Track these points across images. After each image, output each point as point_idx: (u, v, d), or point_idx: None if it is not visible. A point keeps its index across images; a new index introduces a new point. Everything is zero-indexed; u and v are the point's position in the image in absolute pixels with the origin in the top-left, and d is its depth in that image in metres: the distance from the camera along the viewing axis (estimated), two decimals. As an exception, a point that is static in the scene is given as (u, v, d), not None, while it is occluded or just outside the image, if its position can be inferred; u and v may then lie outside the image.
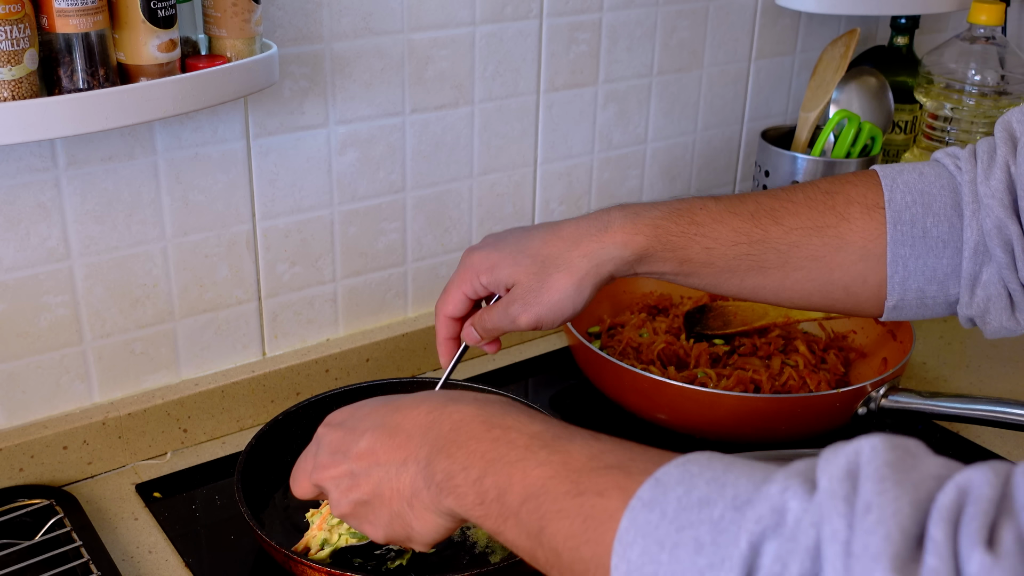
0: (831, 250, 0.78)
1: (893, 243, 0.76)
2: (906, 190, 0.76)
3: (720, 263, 0.80)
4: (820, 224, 0.78)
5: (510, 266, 0.83)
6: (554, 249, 0.82)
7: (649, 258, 0.81)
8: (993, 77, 1.31)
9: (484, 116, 1.20)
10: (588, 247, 0.81)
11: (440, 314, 0.89)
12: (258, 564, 0.93)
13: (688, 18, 1.33)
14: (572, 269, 0.81)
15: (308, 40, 1.04)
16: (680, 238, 0.80)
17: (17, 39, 0.77)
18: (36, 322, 0.98)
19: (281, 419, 1.02)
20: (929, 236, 0.75)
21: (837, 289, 0.79)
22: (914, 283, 0.76)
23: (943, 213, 0.75)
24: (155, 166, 1.00)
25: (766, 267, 0.80)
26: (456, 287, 0.87)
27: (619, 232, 0.80)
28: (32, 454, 1.00)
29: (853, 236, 0.77)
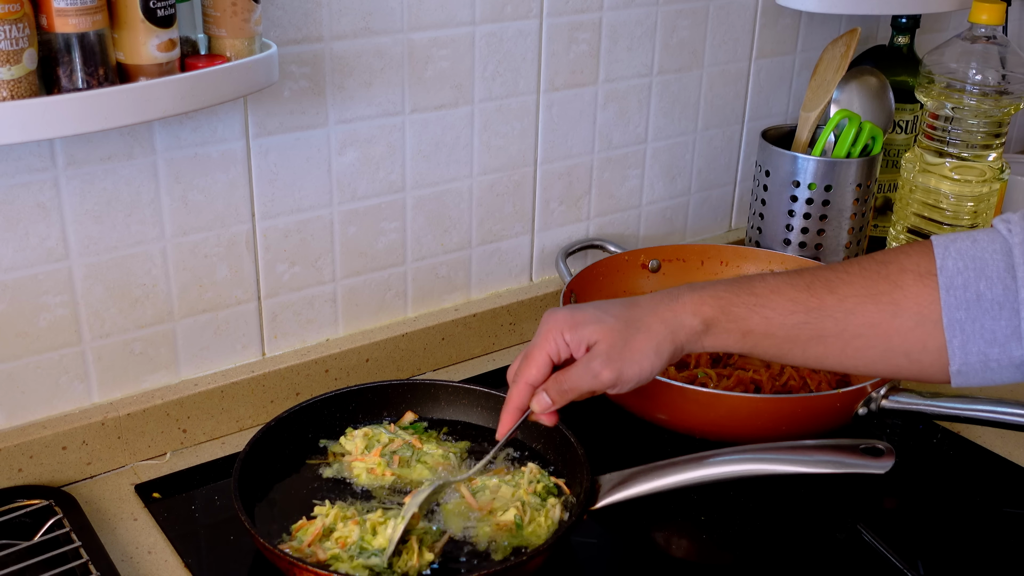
0: (887, 316, 0.80)
1: (947, 308, 0.78)
2: (958, 256, 0.78)
3: (780, 333, 0.84)
4: (874, 292, 0.81)
5: (594, 323, 0.86)
6: (635, 313, 0.87)
7: (715, 327, 0.85)
8: (994, 77, 1.31)
9: (484, 116, 1.20)
10: (664, 314, 0.86)
11: (520, 381, 0.88)
12: (257, 564, 0.93)
13: (688, 18, 1.32)
14: (652, 332, 0.86)
15: (308, 40, 1.04)
16: (741, 308, 0.85)
17: (16, 39, 0.77)
18: (35, 322, 0.98)
19: (274, 424, 1.02)
20: (984, 299, 0.77)
21: (898, 356, 0.81)
22: (974, 346, 0.78)
23: (996, 276, 0.77)
24: (154, 166, 1.00)
25: (825, 336, 0.83)
26: (540, 349, 0.87)
27: (688, 303, 0.86)
28: (31, 454, 0.99)
29: (907, 303, 0.79)
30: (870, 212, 1.36)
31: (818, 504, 1.03)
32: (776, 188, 1.32)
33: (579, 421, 1.13)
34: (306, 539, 0.90)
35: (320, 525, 0.91)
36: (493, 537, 0.93)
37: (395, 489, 0.99)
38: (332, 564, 0.87)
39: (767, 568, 0.96)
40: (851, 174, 1.30)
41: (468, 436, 1.08)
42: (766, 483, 1.04)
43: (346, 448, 1.04)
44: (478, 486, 0.99)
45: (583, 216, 1.35)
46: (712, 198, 1.48)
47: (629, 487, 0.95)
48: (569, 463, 1.00)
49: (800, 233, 1.32)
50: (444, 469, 1.02)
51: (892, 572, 0.94)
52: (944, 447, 1.12)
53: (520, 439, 1.07)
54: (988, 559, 0.97)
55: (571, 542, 0.96)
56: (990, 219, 1.39)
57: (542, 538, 0.92)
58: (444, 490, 0.97)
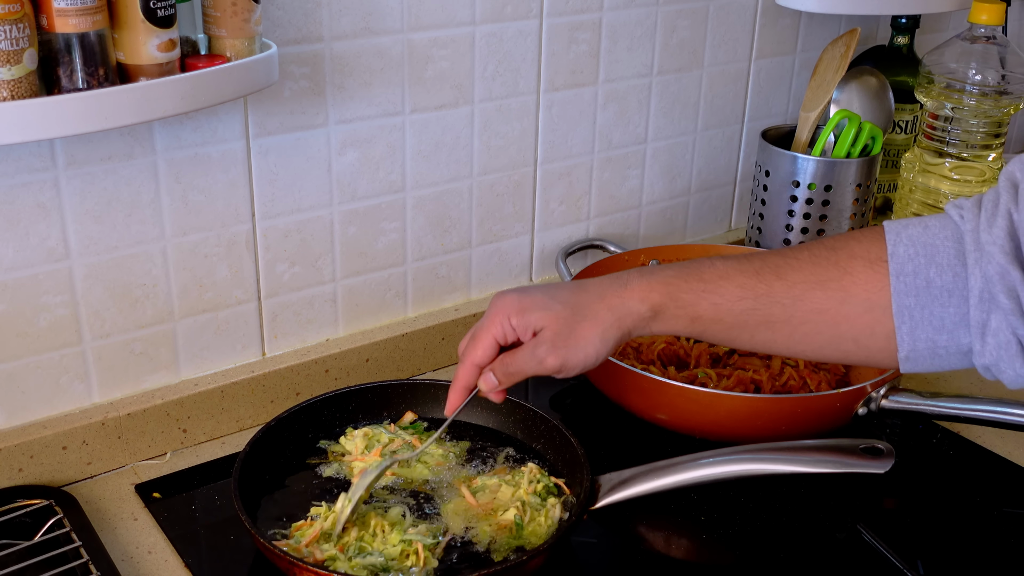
0: (835, 303, 0.80)
1: (897, 294, 0.78)
2: (909, 243, 0.78)
3: (728, 319, 0.84)
4: (823, 278, 0.81)
5: (541, 310, 0.87)
6: (582, 299, 0.87)
7: (663, 314, 0.85)
8: (994, 77, 1.31)
9: (484, 116, 1.20)
10: (611, 301, 0.86)
11: (467, 360, 0.90)
12: (257, 564, 0.93)
13: (688, 18, 1.33)
14: (598, 319, 0.86)
15: (308, 40, 1.04)
16: (689, 294, 0.84)
17: (16, 39, 0.77)
18: (35, 322, 0.98)
19: (274, 424, 1.02)
20: (933, 286, 0.77)
21: (847, 341, 0.81)
22: (923, 333, 0.78)
23: (946, 263, 0.77)
24: (154, 166, 1.00)
25: (773, 321, 0.83)
26: (486, 331, 0.88)
27: (636, 289, 0.86)
28: (31, 454, 0.99)
29: (856, 288, 0.79)
30: (870, 212, 1.36)
31: (818, 504, 1.03)
32: (776, 188, 1.32)
33: (579, 421, 1.13)
34: (304, 539, 0.90)
35: (319, 527, 0.91)
36: (493, 537, 0.93)
37: (395, 489, 0.99)
38: (330, 564, 0.87)
39: (767, 568, 0.96)
40: (851, 174, 1.30)
41: (468, 436, 1.08)
42: (766, 483, 1.04)
43: (346, 448, 1.04)
44: (478, 486, 0.99)
45: (583, 216, 1.35)
46: (712, 198, 1.49)
47: (629, 487, 0.95)
48: (569, 463, 1.00)
49: (800, 233, 1.32)
50: (444, 469, 1.02)
51: (892, 572, 0.94)
52: (944, 447, 1.12)
53: (520, 439, 1.07)
54: (988, 559, 0.97)
55: (571, 542, 0.96)
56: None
57: (542, 538, 0.92)
58: (388, 469, 0.98)
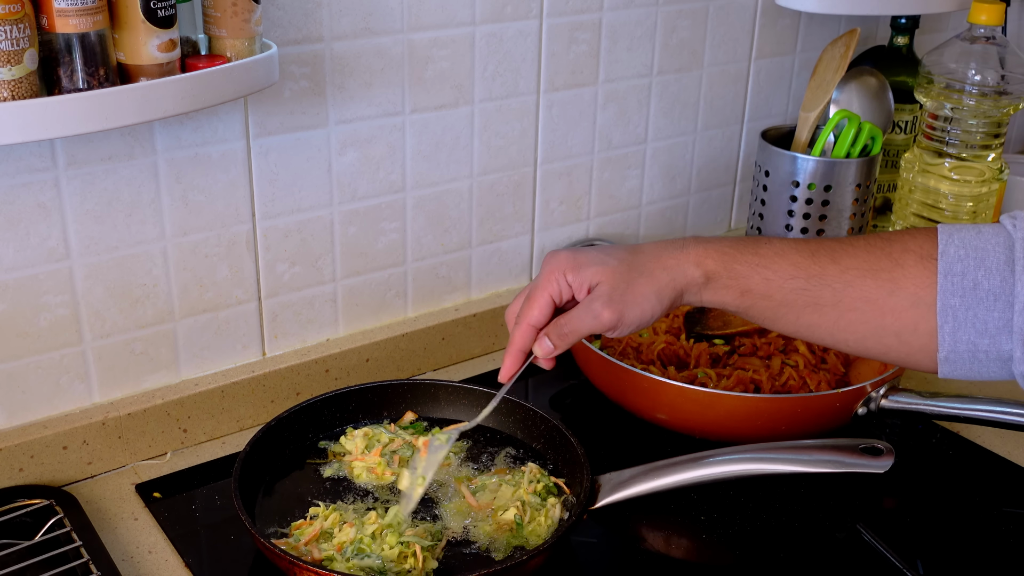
0: (884, 293, 0.80)
1: (943, 293, 0.78)
2: (960, 244, 0.78)
3: (778, 296, 0.84)
4: (875, 267, 0.81)
5: (597, 265, 0.86)
6: (638, 258, 0.87)
7: (715, 282, 0.85)
8: (993, 77, 1.31)
9: (484, 116, 1.20)
10: (667, 261, 0.86)
11: (523, 322, 0.87)
12: (257, 564, 0.93)
13: (688, 18, 1.33)
14: (654, 277, 0.86)
15: (308, 40, 1.04)
16: (743, 266, 0.85)
17: (17, 39, 0.77)
18: (36, 322, 0.98)
19: (274, 424, 1.02)
20: (980, 288, 0.77)
21: (889, 335, 0.81)
22: (964, 335, 0.77)
23: (995, 267, 0.77)
24: (155, 166, 1.00)
25: (821, 304, 0.83)
26: (542, 290, 0.87)
27: (693, 253, 0.86)
28: (32, 454, 0.99)
29: (906, 282, 0.80)
30: (869, 212, 1.36)
31: (818, 504, 1.03)
32: (776, 188, 1.32)
33: (579, 421, 1.13)
34: (303, 539, 0.90)
35: (319, 528, 0.91)
36: (493, 537, 0.93)
37: (395, 489, 0.99)
38: (328, 564, 0.87)
39: (767, 568, 0.96)
40: (850, 174, 1.30)
41: (468, 436, 1.08)
42: (766, 483, 1.04)
43: (346, 448, 1.04)
44: (478, 485, 0.99)
45: (583, 216, 1.35)
46: (712, 198, 1.49)
47: (629, 487, 0.95)
48: (569, 463, 1.00)
49: (800, 233, 1.32)
50: (444, 469, 1.02)
51: (892, 572, 0.94)
52: (943, 447, 1.12)
53: (520, 439, 1.07)
54: (988, 559, 0.98)
55: (571, 542, 0.96)
56: (989, 220, 1.39)
57: (542, 538, 0.92)
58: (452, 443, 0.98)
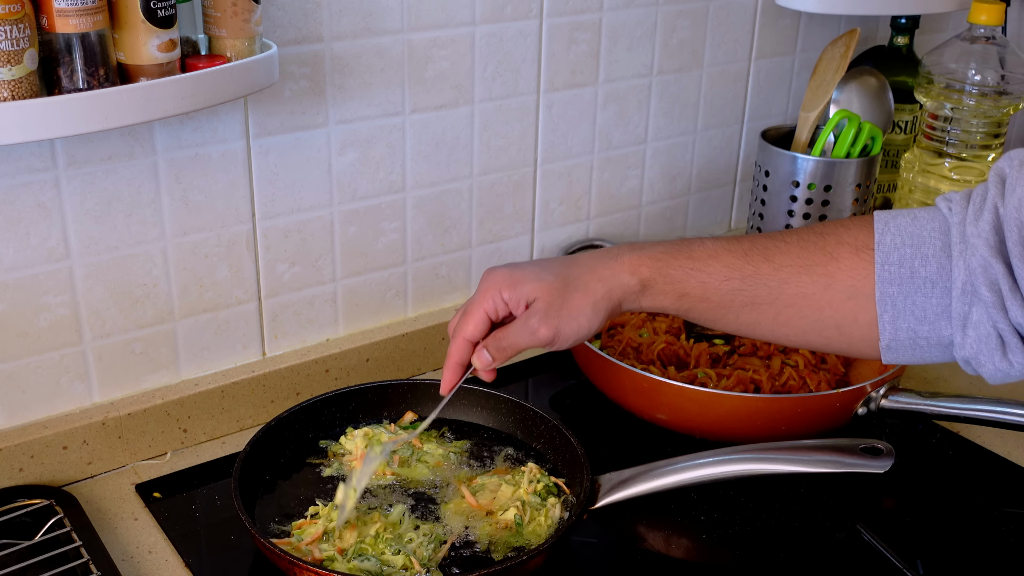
0: (820, 288, 0.81)
1: (881, 282, 0.78)
2: (896, 232, 0.79)
3: (715, 298, 0.85)
4: (809, 263, 0.82)
5: (533, 281, 0.87)
6: (573, 271, 0.88)
7: (651, 288, 0.86)
8: (993, 77, 1.31)
9: (484, 116, 1.20)
10: (602, 273, 0.87)
11: (458, 336, 0.89)
12: (257, 564, 0.93)
13: (688, 18, 1.33)
14: (589, 290, 0.86)
15: (308, 40, 1.04)
16: (678, 271, 0.85)
17: (17, 39, 0.77)
18: (36, 322, 0.98)
19: (274, 424, 1.02)
20: (917, 276, 0.77)
21: (829, 328, 0.82)
22: (904, 323, 0.78)
23: (932, 254, 0.77)
24: (155, 166, 1.00)
25: (758, 303, 0.84)
26: (478, 306, 0.88)
27: (627, 262, 0.86)
28: (32, 454, 1.00)
29: (841, 275, 0.80)
30: (869, 212, 1.36)
31: (818, 504, 1.03)
32: (776, 188, 1.32)
33: (579, 421, 1.13)
34: (304, 539, 0.90)
35: (321, 528, 0.91)
36: (493, 537, 0.93)
37: (395, 489, 0.99)
38: (329, 564, 0.88)
39: (767, 568, 0.96)
40: (850, 174, 1.30)
41: (468, 436, 1.08)
42: (766, 483, 1.04)
43: (346, 448, 1.04)
44: (478, 486, 0.99)
45: (583, 216, 1.35)
46: (712, 198, 1.49)
47: (629, 487, 0.95)
48: (569, 463, 1.00)
49: (800, 233, 1.32)
50: (444, 469, 1.02)
51: (891, 572, 0.94)
52: (943, 447, 1.12)
53: (520, 439, 1.07)
54: (987, 559, 0.98)
55: (571, 542, 0.96)
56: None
57: (542, 538, 0.92)
58: (387, 458, 0.98)
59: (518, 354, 0.88)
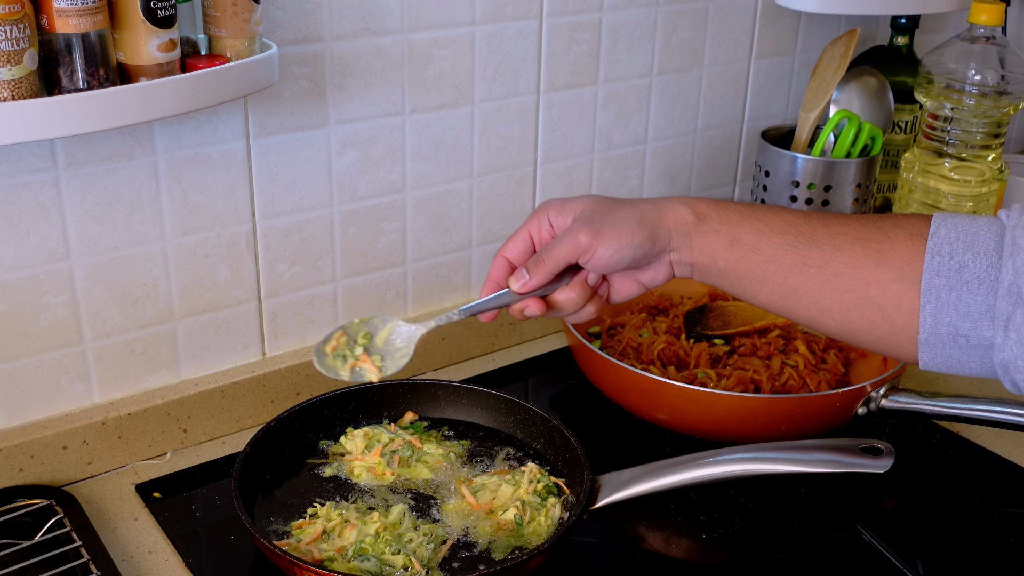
0: (871, 262, 0.79)
1: (928, 271, 0.77)
2: (952, 227, 0.78)
3: (767, 249, 0.82)
4: (864, 236, 0.80)
5: (581, 200, 0.86)
6: (624, 201, 0.87)
7: (705, 224, 0.84)
8: (993, 77, 1.31)
9: (484, 116, 1.20)
10: (658, 201, 0.86)
11: (498, 254, 0.88)
12: (257, 564, 0.93)
13: (688, 18, 1.33)
14: (638, 208, 0.85)
15: (308, 40, 1.04)
16: (735, 214, 0.84)
17: (17, 39, 0.77)
18: (36, 322, 0.98)
19: (275, 424, 1.02)
20: (966, 271, 0.76)
21: (873, 308, 0.80)
22: (946, 316, 0.76)
23: (983, 252, 0.76)
24: (155, 166, 1.00)
25: (808, 264, 0.81)
26: (522, 227, 0.87)
27: (684, 199, 0.86)
28: (32, 454, 1.00)
29: (893, 254, 0.79)
30: (869, 212, 1.36)
31: (818, 504, 1.03)
32: (776, 188, 1.32)
33: (579, 421, 1.13)
34: (304, 538, 0.91)
35: (321, 528, 0.91)
36: (493, 537, 0.93)
37: (395, 489, 0.99)
38: (329, 564, 0.88)
39: (767, 568, 0.96)
40: (850, 174, 1.30)
41: (468, 436, 1.08)
42: (766, 483, 1.04)
43: (346, 448, 1.04)
44: (478, 486, 0.99)
45: (583, 216, 1.35)
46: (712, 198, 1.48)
47: (629, 487, 0.95)
48: (569, 463, 1.00)
49: (800, 233, 1.32)
50: (444, 469, 1.02)
51: (891, 571, 0.94)
52: (943, 447, 1.12)
53: (520, 439, 1.07)
54: (987, 559, 0.98)
55: (571, 542, 0.96)
56: (989, 219, 1.39)
57: (542, 537, 0.92)
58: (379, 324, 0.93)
59: (558, 271, 0.84)
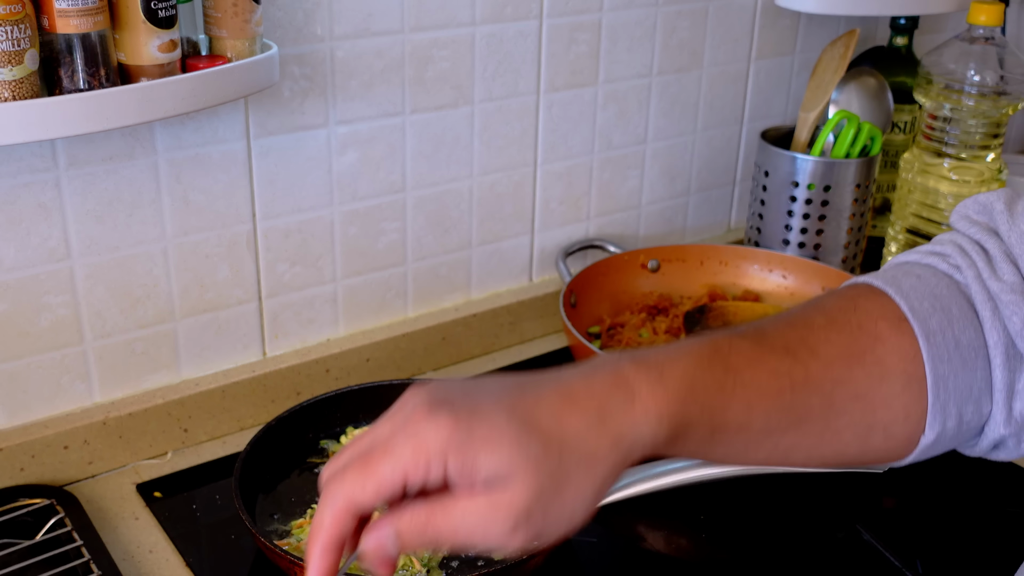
0: (875, 382, 0.62)
1: (932, 360, 0.62)
2: (918, 296, 0.63)
3: (759, 423, 0.60)
4: (856, 350, 0.62)
5: (509, 448, 0.52)
6: (572, 427, 0.54)
7: (685, 432, 0.57)
8: (992, 77, 1.31)
9: (484, 116, 1.20)
10: (616, 426, 0.55)
11: (342, 497, 0.53)
12: (258, 564, 0.93)
13: (688, 18, 1.33)
14: (596, 462, 0.54)
15: (308, 40, 1.04)
16: (718, 394, 0.58)
17: (18, 39, 0.77)
18: (37, 322, 0.98)
19: (275, 424, 1.02)
20: (961, 346, 0.62)
21: (877, 434, 0.63)
22: (954, 407, 0.63)
23: (961, 315, 0.63)
24: (155, 166, 1.00)
25: (808, 419, 0.61)
26: (392, 458, 0.53)
27: (650, 400, 0.56)
28: (33, 454, 1.00)
29: (891, 359, 0.62)
30: (869, 212, 1.36)
31: (817, 504, 1.03)
32: (775, 188, 1.32)
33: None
34: (305, 538, 0.91)
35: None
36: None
37: (395, 488, 0.99)
38: None
39: (766, 568, 0.96)
40: (850, 174, 1.30)
41: (468, 436, 1.08)
42: (765, 483, 1.04)
43: (346, 448, 1.04)
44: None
45: (583, 216, 1.35)
46: (712, 198, 1.49)
47: (629, 487, 0.95)
48: (569, 463, 1.00)
49: (799, 233, 1.33)
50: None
51: (891, 572, 0.94)
52: (943, 447, 1.12)
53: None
54: (987, 559, 0.98)
55: (571, 542, 0.96)
56: (989, 219, 1.39)
57: (542, 537, 0.92)
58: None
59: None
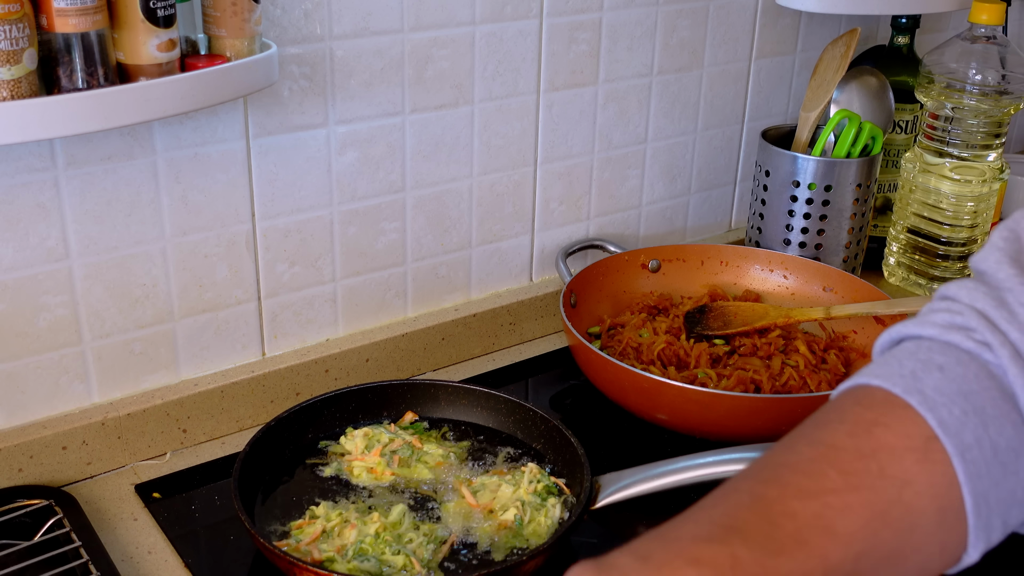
0: (904, 536, 0.54)
1: (970, 481, 0.54)
2: (945, 400, 0.55)
3: None
4: (880, 508, 0.53)
5: None
6: None
7: None
8: (994, 77, 1.31)
9: (484, 116, 1.20)
10: None
11: None
12: (257, 564, 0.93)
13: (688, 18, 1.33)
14: None
15: (308, 40, 1.04)
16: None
17: (16, 39, 0.77)
18: (35, 322, 0.98)
19: (274, 424, 1.02)
20: (1000, 451, 0.55)
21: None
22: (998, 519, 0.56)
23: (1001, 414, 0.55)
24: (154, 166, 1.00)
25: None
26: None
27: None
28: (31, 454, 0.99)
29: (922, 502, 0.54)
30: (870, 212, 1.36)
31: (818, 504, 1.03)
32: (776, 188, 1.32)
33: (579, 421, 1.13)
34: (304, 539, 0.90)
35: (320, 528, 0.91)
36: (493, 537, 0.93)
37: (395, 489, 0.99)
38: (329, 565, 0.87)
39: (767, 568, 0.96)
40: (851, 174, 1.30)
41: (468, 436, 1.08)
42: (766, 483, 1.03)
43: (346, 448, 1.04)
44: (478, 486, 0.99)
45: (583, 216, 1.35)
46: (712, 198, 1.49)
47: (629, 487, 0.95)
48: (569, 463, 1.00)
49: (800, 233, 1.33)
50: (444, 469, 1.02)
51: (892, 572, 0.94)
52: (944, 447, 1.12)
53: (520, 439, 1.07)
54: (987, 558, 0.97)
55: (571, 542, 0.96)
56: (990, 220, 1.39)
57: (542, 538, 0.92)
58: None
59: None
